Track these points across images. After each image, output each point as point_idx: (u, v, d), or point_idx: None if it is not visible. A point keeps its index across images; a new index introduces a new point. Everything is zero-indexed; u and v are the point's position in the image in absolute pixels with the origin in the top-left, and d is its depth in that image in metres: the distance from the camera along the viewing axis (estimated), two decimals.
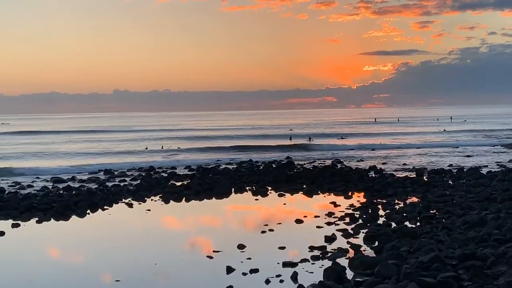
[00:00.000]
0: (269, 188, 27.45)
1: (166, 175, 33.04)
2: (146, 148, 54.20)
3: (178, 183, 29.29)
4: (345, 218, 19.21)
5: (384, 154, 45.79)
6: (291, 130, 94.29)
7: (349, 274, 12.41)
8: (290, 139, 67.77)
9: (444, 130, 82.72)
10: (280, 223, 18.83)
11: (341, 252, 14.64)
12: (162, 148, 53.42)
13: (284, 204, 23.41)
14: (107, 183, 29.39)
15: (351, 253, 14.54)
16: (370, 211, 20.31)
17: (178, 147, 55.41)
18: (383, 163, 37.76)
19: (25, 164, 41.77)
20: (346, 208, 21.33)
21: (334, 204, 22.41)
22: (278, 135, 78.22)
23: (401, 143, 58.87)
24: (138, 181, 30.04)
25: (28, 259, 15.46)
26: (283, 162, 38.93)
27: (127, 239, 17.69)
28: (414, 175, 30.21)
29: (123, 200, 24.50)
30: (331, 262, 13.28)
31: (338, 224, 18.35)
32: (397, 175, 30.35)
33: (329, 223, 18.51)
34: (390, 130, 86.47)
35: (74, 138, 76.61)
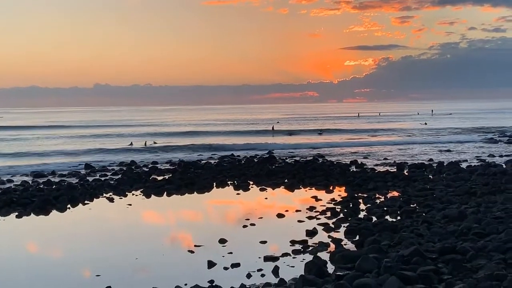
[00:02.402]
0: (251, 182, 27.43)
1: (147, 169, 32.89)
2: (131, 144, 53.74)
3: (160, 178, 29.19)
4: (326, 213, 19.27)
5: (365, 149, 45.97)
6: (277, 122, 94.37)
7: (330, 268, 12.45)
8: (273, 136, 67.52)
9: (426, 123, 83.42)
10: (261, 218, 18.84)
11: (322, 246, 14.69)
12: (145, 144, 53.11)
13: (266, 198, 23.41)
14: (87, 178, 29.19)
15: (332, 247, 14.59)
16: (351, 205, 20.39)
17: (154, 142, 55.31)
18: (364, 158, 37.92)
19: (5, 158, 41.37)
20: (327, 203, 21.39)
21: (316, 198, 22.46)
22: (260, 130, 78.01)
23: (382, 138, 59.14)
24: (119, 176, 29.88)
25: (7, 254, 15.36)
26: (264, 156, 38.92)
27: (108, 234, 17.60)
28: (395, 170, 30.38)
29: (104, 194, 24.35)
30: (312, 256, 13.32)
31: (319, 219, 18.40)
32: (378, 170, 30.51)
33: (310, 218, 18.55)
34: (371, 125, 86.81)
35: (55, 133, 75.90)
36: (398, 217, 18.05)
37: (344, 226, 16.94)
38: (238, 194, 24.82)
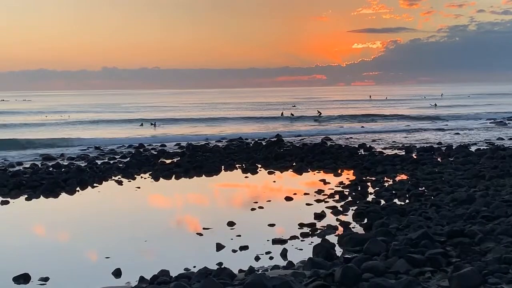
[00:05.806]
0: (259, 165, 27.46)
1: (155, 152, 32.95)
2: (141, 125, 54.71)
3: (168, 161, 29.24)
4: (335, 196, 19.27)
5: (374, 132, 45.86)
6: (294, 106, 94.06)
7: (338, 251, 12.47)
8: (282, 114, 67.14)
9: (435, 104, 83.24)
10: (269, 201, 18.86)
11: (330, 229, 14.70)
12: (154, 127, 53.48)
13: (274, 181, 23.43)
14: (96, 161, 29.28)
15: (340, 230, 14.60)
16: (359, 189, 20.36)
17: (154, 122, 55.50)
18: (373, 141, 37.85)
19: (14, 142, 41.52)
20: (335, 186, 21.38)
21: (324, 181, 22.45)
22: (268, 114, 77.92)
23: (391, 121, 58.93)
24: (128, 159, 29.95)
25: (17, 236, 15.44)
26: (272, 140, 38.91)
27: (117, 216, 17.69)
28: (403, 153, 30.34)
29: (113, 177, 24.42)
30: (320, 239, 13.34)
31: (327, 202, 18.40)
32: (387, 153, 30.45)
33: (318, 201, 18.56)
34: (380, 109, 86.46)
35: (62, 117, 76.03)
36: (407, 200, 18.02)
37: (352, 209, 16.93)
38: (246, 177, 24.86)
